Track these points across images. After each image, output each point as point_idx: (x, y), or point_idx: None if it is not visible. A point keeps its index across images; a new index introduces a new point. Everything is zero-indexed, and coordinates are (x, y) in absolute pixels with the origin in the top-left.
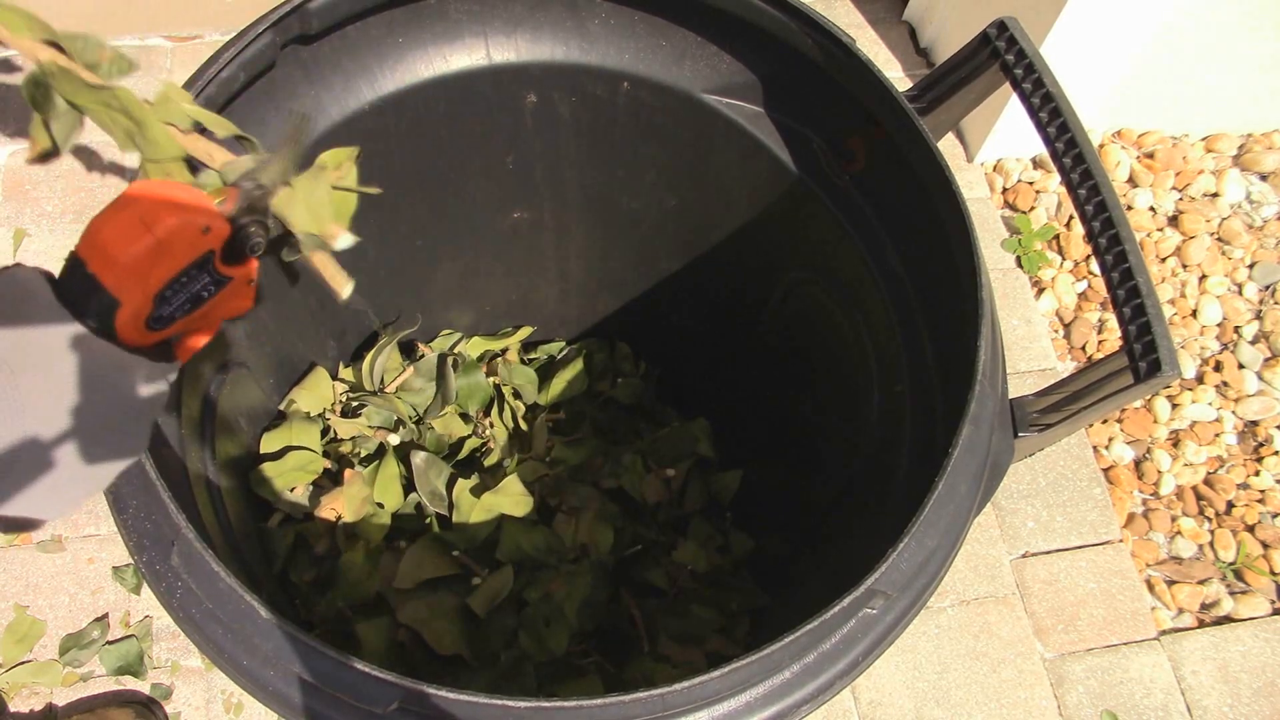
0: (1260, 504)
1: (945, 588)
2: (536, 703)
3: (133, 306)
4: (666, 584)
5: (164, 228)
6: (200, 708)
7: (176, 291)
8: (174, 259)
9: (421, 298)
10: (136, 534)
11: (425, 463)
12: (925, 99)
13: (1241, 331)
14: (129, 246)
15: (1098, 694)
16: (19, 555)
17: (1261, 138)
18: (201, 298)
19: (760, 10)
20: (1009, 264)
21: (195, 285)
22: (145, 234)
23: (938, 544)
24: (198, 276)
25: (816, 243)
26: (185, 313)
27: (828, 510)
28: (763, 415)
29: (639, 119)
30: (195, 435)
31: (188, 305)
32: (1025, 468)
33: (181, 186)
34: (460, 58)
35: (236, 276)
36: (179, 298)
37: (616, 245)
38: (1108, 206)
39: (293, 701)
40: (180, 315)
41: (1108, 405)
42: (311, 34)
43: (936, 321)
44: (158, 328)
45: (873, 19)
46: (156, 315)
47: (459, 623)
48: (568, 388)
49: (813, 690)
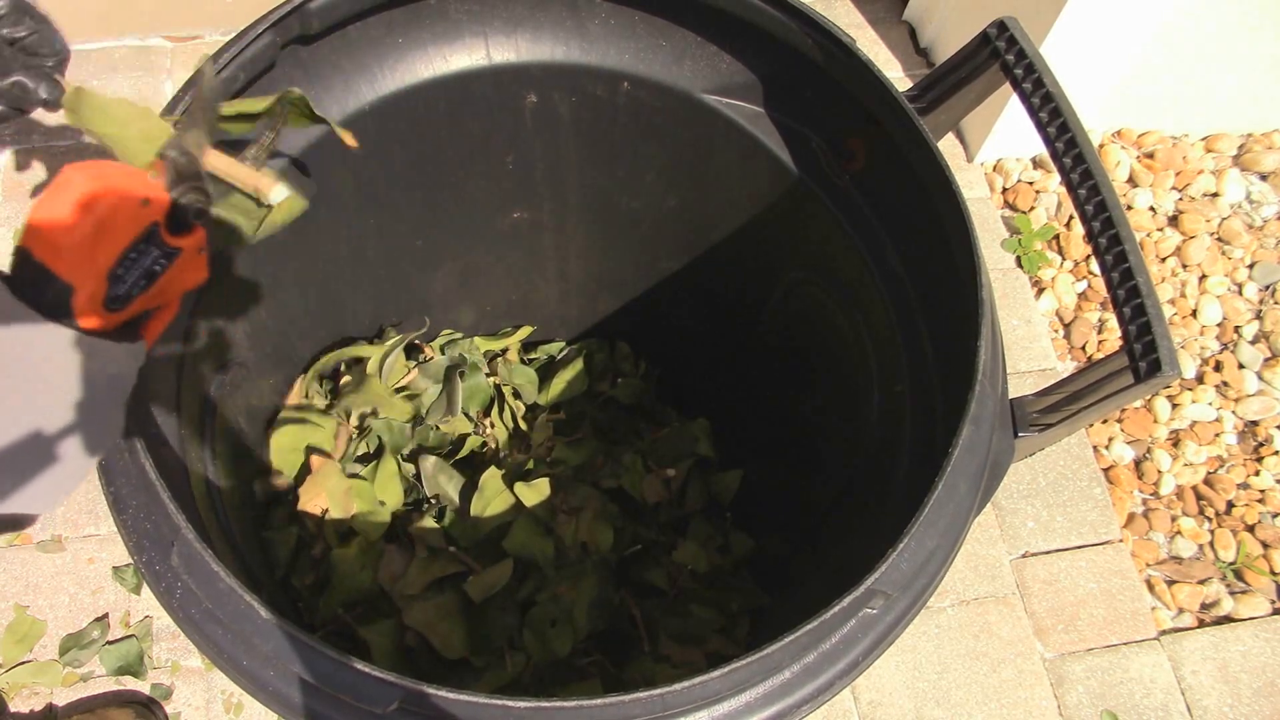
0: (1260, 504)
1: (945, 588)
2: (536, 703)
3: (87, 289)
4: (667, 584)
5: (102, 205)
6: (200, 708)
7: (128, 269)
8: (117, 236)
9: (422, 298)
10: (136, 534)
11: (434, 467)
12: (925, 99)
13: (1241, 331)
14: (71, 230)
15: (1098, 694)
16: (19, 555)
17: (1261, 138)
18: (154, 272)
19: (760, 10)
20: (1009, 264)
21: (146, 260)
22: (85, 215)
23: (938, 544)
24: (146, 250)
25: (816, 243)
26: (142, 289)
27: (828, 510)
28: (763, 415)
29: (639, 119)
30: (195, 435)
31: (143, 281)
32: (1025, 468)
33: (111, 163)
34: (460, 58)
35: (186, 247)
36: (132, 274)
37: (616, 245)
38: (1108, 206)
39: (293, 701)
40: (137, 292)
41: (1108, 405)
42: (311, 34)
43: (936, 321)
44: (117, 308)
45: (873, 19)
46: (113, 295)
47: (464, 624)
48: (568, 388)
49: (813, 690)
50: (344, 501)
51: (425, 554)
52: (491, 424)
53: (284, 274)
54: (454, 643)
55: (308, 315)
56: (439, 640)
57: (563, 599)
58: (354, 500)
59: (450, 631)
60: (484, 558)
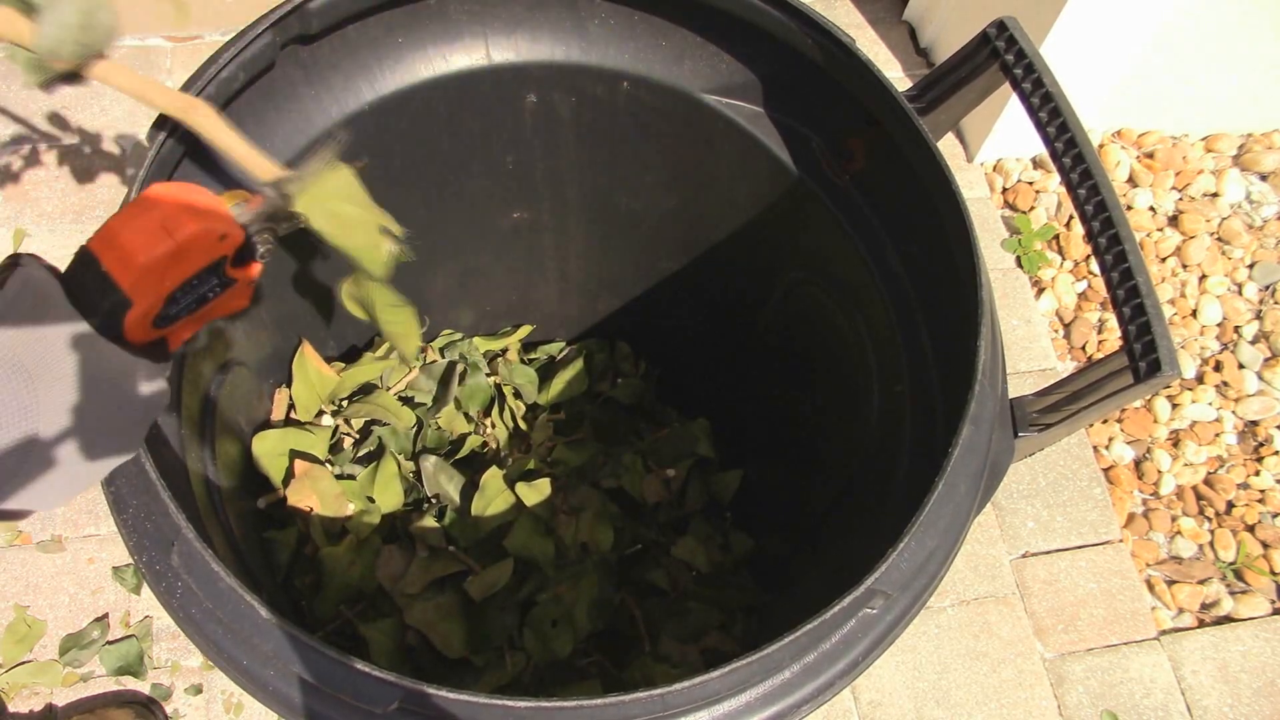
0: (1260, 504)
1: (945, 588)
2: (536, 703)
3: (144, 307)
4: (667, 584)
5: (185, 233)
6: (200, 708)
7: (186, 293)
8: (190, 263)
9: (422, 298)
10: (136, 534)
11: (435, 467)
12: (925, 99)
13: (1241, 331)
14: (150, 250)
15: (1098, 694)
16: (19, 555)
17: (1261, 138)
18: (207, 298)
19: (760, 10)
20: (1009, 264)
21: (204, 287)
22: (166, 238)
23: (938, 544)
24: (207, 279)
25: (816, 243)
26: (189, 311)
27: (828, 510)
28: (763, 415)
29: (639, 119)
30: (195, 435)
31: (193, 305)
32: (1025, 468)
33: (200, 190)
34: (460, 58)
35: (240, 279)
36: (187, 298)
37: (616, 245)
38: (1108, 206)
39: (293, 701)
40: (185, 314)
41: (1108, 405)
42: (311, 34)
43: (936, 321)
44: (162, 325)
45: (873, 19)
46: (164, 314)
47: (464, 624)
48: (568, 388)
49: (813, 690)
50: (336, 504)
51: (426, 553)
52: (492, 424)
53: (283, 274)
54: (454, 642)
55: (308, 315)
56: (439, 639)
57: (563, 599)
58: (346, 501)
59: (450, 631)
60: (484, 557)
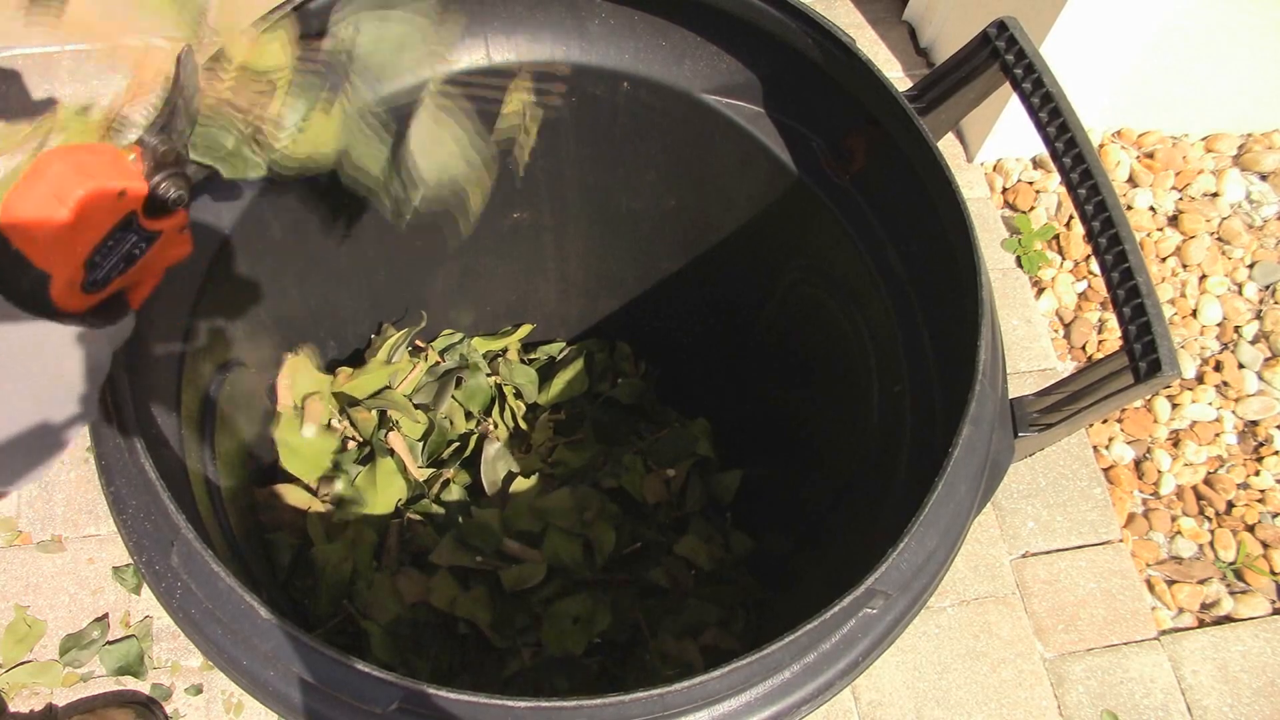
0: (1260, 504)
1: (945, 588)
2: (536, 703)
3: (64, 277)
4: (669, 584)
5: (77, 199)
6: (200, 708)
7: (106, 255)
8: (95, 226)
9: (422, 298)
10: (136, 534)
11: (495, 454)
12: (925, 99)
13: (1241, 331)
14: (45, 222)
15: (1098, 694)
16: (19, 555)
17: (1261, 137)
18: (134, 255)
19: (760, 10)
20: (1009, 264)
21: (124, 245)
22: (59, 207)
23: (938, 544)
24: (124, 237)
25: (816, 243)
26: (121, 271)
27: (828, 510)
28: (763, 415)
29: (639, 119)
30: (195, 435)
31: (121, 264)
32: (1025, 468)
33: (94, 149)
34: (460, 58)
35: (166, 229)
36: (110, 260)
37: (616, 245)
38: (1108, 206)
39: (293, 701)
40: (116, 274)
41: (1108, 405)
42: (311, 34)
43: (936, 321)
44: (96, 290)
45: (873, 19)
46: (90, 280)
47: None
48: (568, 388)
49: (813, 690)
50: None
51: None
52: (494, 424)
53: (284, 274)
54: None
55: (308, 315)
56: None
57: (586, 600)
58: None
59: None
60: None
